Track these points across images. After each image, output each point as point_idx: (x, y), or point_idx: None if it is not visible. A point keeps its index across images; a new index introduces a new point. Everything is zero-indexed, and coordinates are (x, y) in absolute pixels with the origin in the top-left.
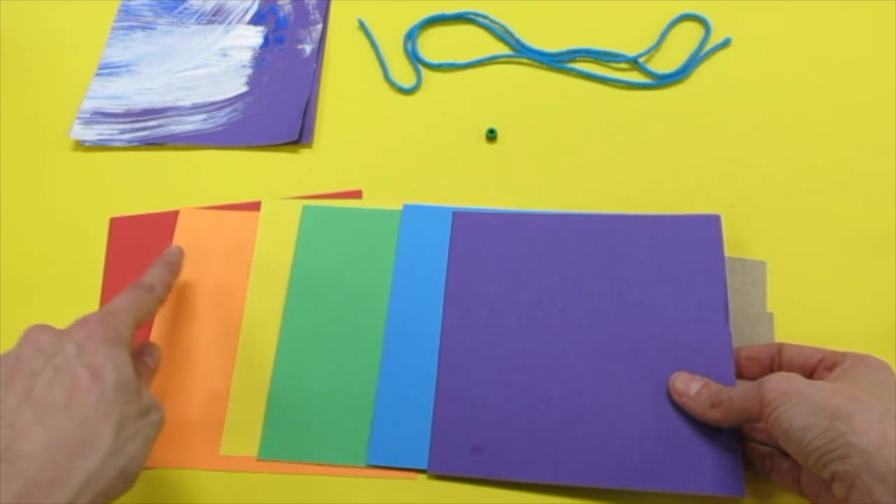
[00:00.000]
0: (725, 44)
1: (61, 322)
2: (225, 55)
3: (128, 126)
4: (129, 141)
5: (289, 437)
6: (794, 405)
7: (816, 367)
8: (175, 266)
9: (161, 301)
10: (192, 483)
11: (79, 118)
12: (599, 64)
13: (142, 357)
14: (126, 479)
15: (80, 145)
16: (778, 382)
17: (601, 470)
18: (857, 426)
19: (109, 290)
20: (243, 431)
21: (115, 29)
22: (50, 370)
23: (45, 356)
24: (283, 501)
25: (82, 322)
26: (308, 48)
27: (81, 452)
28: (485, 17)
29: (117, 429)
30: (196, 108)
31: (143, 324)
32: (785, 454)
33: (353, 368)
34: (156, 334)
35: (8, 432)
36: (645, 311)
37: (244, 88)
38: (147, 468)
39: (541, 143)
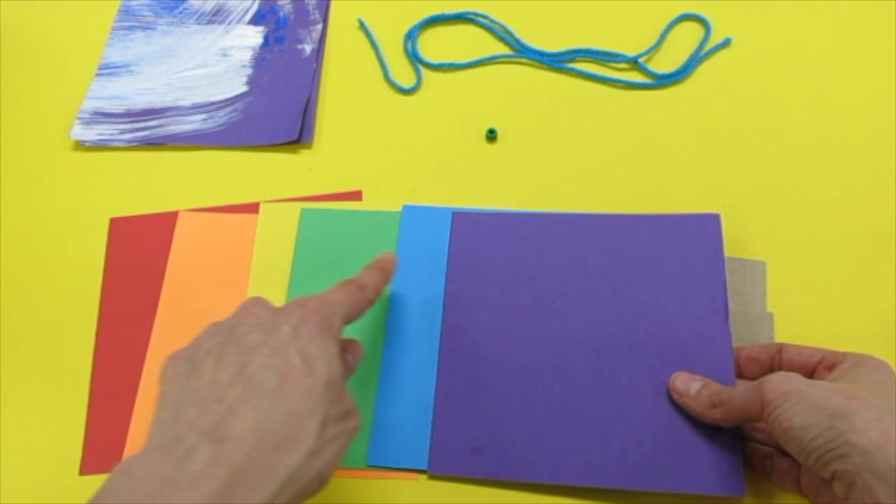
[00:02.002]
0: (725, 44)
1: (58, 322)
2: (225, 55)
3: (128, 126)
4: (129, 141)
5: None
6: (795, 405)
7: (816, 367)
8: (387, 273)
9: (370, 303)
10: None
11: (79, 118)
12: (599, 64)
13: (345, 354)
14: (319, 483)
15: (80, 145)
16: (778, 382)
17: (601, 470)
18: (857, 425)
19: (109, 290)
20: None
21: (115, 29)
22: (265, 349)
23: (261, 332)
24: None
25: (298, 304)
26: (308, 48)
27: (286, 447)
28: (485, 17)
29: (320, 429)
30: (196, 108)
31: (353, 321)
32: (785, 454)
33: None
34: (156, 339)
35: (219, 407)
36: (645, 311)
37: (244, 88)
38: None
39: (541, 143)
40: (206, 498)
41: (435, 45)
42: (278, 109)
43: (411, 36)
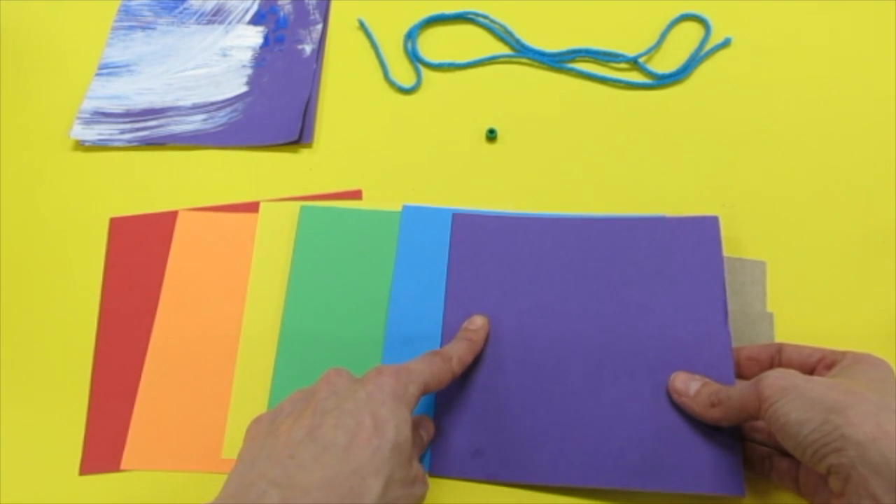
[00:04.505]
0: (725, 44)
1: (58, 322)
2: (225, 55)
3: (128, 126)
4: (129, 141)
5: None
6: (791, 400)
7: (816, 366)
8: (476, 345)
9: (455, 375)
10: (194, 485)
11: (79, 118)
12: (599, 64)
13: (418, 429)
14: None
15: (80, 145)
16: (775, 378)
17: (601, 470)
18: (852, 419)
19: (109, 290)
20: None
21: (115, 29)
22: (338, 412)
23: (337, 398)
24: None
25: (377, 371)
26: (308, 48)
27: (349, 501)
28: (485, 17)
29: (384, 488)
30: (196, 108)
31: (432, 392)
32: (784, 453)
33: (354, 370)
34: (156, 337)
35: (289, 462)
36: (644, 313)
37: (244, 88)
38: (148, 470)
39: (541, 143)
40: None
41: (435, 45)
42: (278, 109)
43: (411, 36)
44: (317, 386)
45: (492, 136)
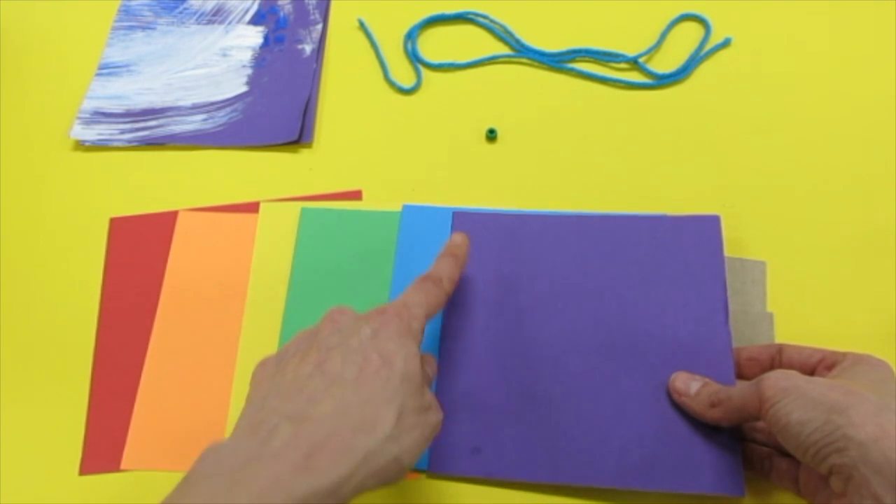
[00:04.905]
0: (725, 44)
1: (58, 322)
2: (225, 55)
3: (128, 126)
4: (129, 141)
5: None
6: (792, 400)
7: (816, 366)
8: (461, 259)
9: (449, 295)
10: None
11: (79, 118)
12: (599, 64)
13: (423, 366)
14: (398, 469)
15: (80, 145)
16: (776, 379)
17: (601, 470)
18: (854, 419)
19: (109, 290)
20: None
21: (115, 29)
22: (344, 347)
23: (341, 335)
24: None
25: (380, 310)
26: (308, 48)
27: (363, 430)
28: (485, 17)
29: (397, 416)
30: (196, 108)
31: (433, 317)
32: (784, 454)
33: None
34: (156, 337)
35: (300, 396)
36: (645, 312)
37: (244, 88)
38: (148, 470)
39: (541, 143)
40: (287, 467)
41: (435, 45)
42: (278, 109)
43: (411, 36)
44: (320, 325)
45: (492, 136)
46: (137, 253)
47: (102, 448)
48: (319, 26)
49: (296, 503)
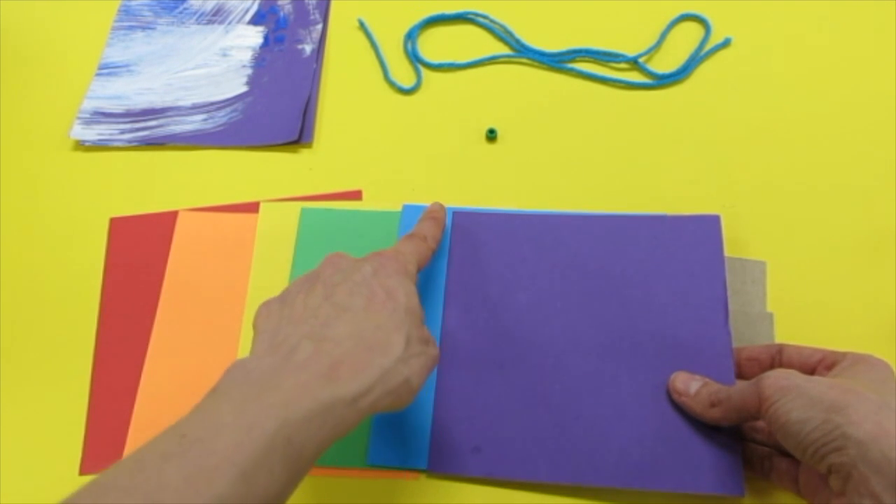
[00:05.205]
0: (725, 44)
1: (58, 322)
2: (225, 55)
3: (128, 126)
4: (129, 141)
5: None
6: (792, 399)
7: (816, 366)
8: (441, 222)
9: (433, 252)
10: None
11: (79, 118)
12: (599, 64)
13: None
14: (409, 390)
15: (80, 145)
16: (776, 378)
17: (601, 470)
18: (853, 417)
19: (109, 290)
20: None
21: (115, 29)
22: (349, 283)
23: (343, 273)
24: None
25: (377, 253)
26: (308, 48)
27: (378, 351)
28: (485, 17)
29: (406, 342)
30: (196, 108)
31: (422, 269)
32: (784, 454)
33: None
34: (156, 337)
35: (314, 321)
36: (645, 311)
37: (244, 88)
38: None
39: (541, 143)
40: (312, 378)
41: (435, 45)
42: (278, 109)
43: (411, 36)
44: (320, 268)
45: (492, 136)
46: (137, 253)
47: (102, 448)
48: (319, 26)
49: (321, 407)
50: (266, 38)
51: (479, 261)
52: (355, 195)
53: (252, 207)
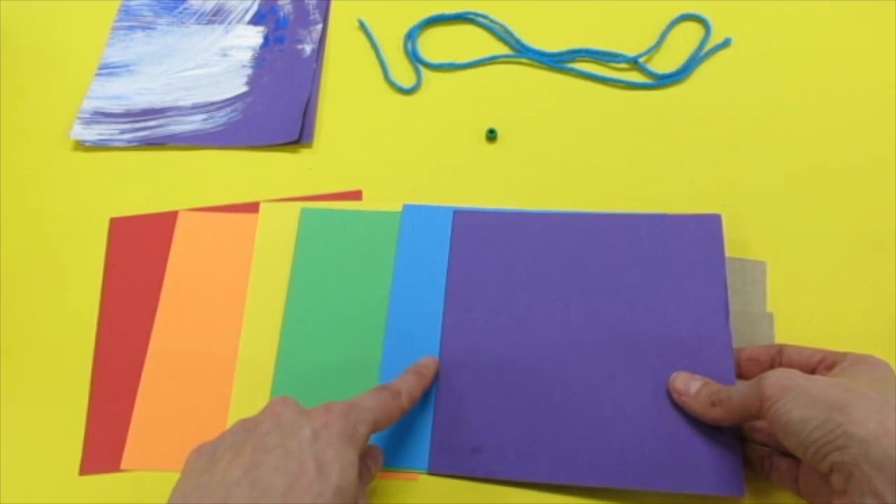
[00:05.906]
0: (725, 44)
1: (58, 322)
2: (225, 55)
3: (128, 126)
4: (129, 141)
5: None
6: (793, 398)
7: (817, 366)
8: (426, 379)
9: (404, 411)
10: None
11: (79, 118)
12: (599, 64)
13: (365, 460)
14: None
15: (80, 145)
16: (776, 378)
17: (601, 469)
18: (854, 416)
19: (109, 290)
20: None
21: (115, 29)
22: (281, 451)
23: (280, 433)
24: None
25: (325, 408)
26: (308, 48)
27: None
28: (485, 17)
29: None
30: (196, 108)
31: (382, 429)
32: (784, 453)
33: (354, 369)
34: (156, 337)
35: (226, 501)
36: (645, 311)
37: (244, 88)
38: (148, 470)
39: (541, 143)
40: None
41: (435, 45)
42: (278, 109)
43: (411, 36)
44: (260, 417)
45: (492, 136)
46: (137, 253)
47: (102, 448)
48: (319, 26)
49: None
50: (266, 38)
51: (479, 260)
52: (355, 195)
53: (252, 207)
